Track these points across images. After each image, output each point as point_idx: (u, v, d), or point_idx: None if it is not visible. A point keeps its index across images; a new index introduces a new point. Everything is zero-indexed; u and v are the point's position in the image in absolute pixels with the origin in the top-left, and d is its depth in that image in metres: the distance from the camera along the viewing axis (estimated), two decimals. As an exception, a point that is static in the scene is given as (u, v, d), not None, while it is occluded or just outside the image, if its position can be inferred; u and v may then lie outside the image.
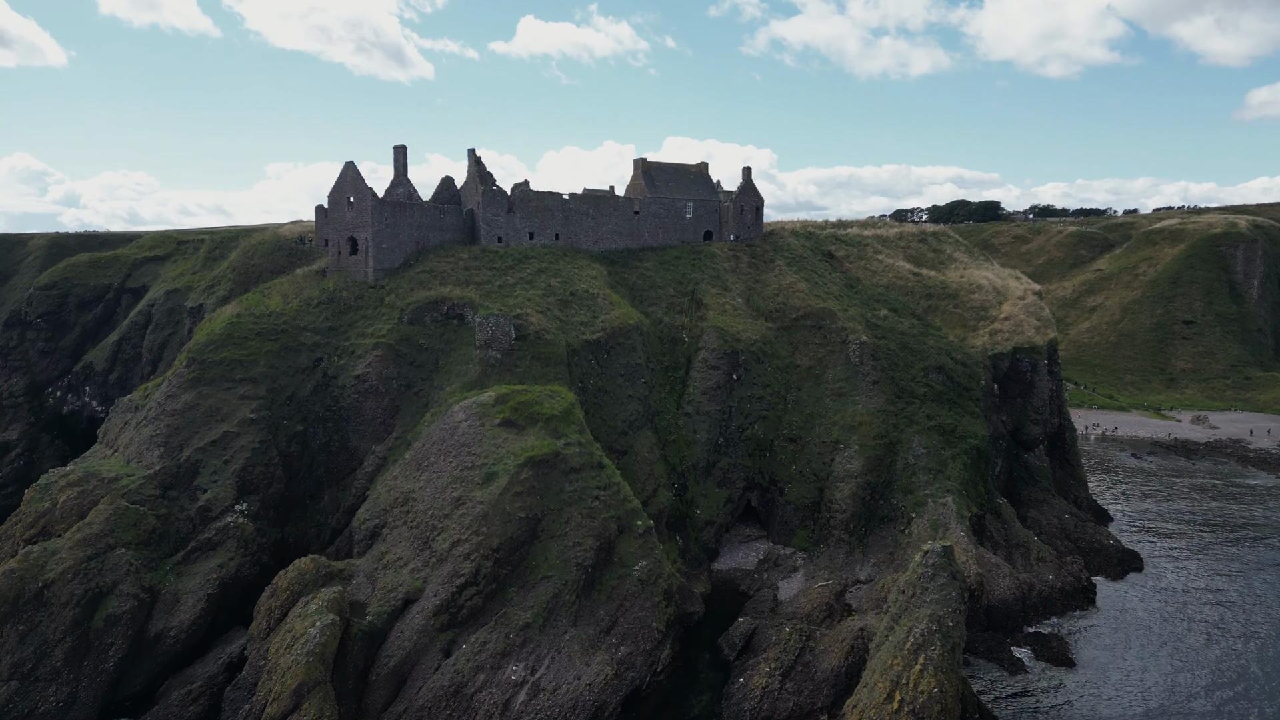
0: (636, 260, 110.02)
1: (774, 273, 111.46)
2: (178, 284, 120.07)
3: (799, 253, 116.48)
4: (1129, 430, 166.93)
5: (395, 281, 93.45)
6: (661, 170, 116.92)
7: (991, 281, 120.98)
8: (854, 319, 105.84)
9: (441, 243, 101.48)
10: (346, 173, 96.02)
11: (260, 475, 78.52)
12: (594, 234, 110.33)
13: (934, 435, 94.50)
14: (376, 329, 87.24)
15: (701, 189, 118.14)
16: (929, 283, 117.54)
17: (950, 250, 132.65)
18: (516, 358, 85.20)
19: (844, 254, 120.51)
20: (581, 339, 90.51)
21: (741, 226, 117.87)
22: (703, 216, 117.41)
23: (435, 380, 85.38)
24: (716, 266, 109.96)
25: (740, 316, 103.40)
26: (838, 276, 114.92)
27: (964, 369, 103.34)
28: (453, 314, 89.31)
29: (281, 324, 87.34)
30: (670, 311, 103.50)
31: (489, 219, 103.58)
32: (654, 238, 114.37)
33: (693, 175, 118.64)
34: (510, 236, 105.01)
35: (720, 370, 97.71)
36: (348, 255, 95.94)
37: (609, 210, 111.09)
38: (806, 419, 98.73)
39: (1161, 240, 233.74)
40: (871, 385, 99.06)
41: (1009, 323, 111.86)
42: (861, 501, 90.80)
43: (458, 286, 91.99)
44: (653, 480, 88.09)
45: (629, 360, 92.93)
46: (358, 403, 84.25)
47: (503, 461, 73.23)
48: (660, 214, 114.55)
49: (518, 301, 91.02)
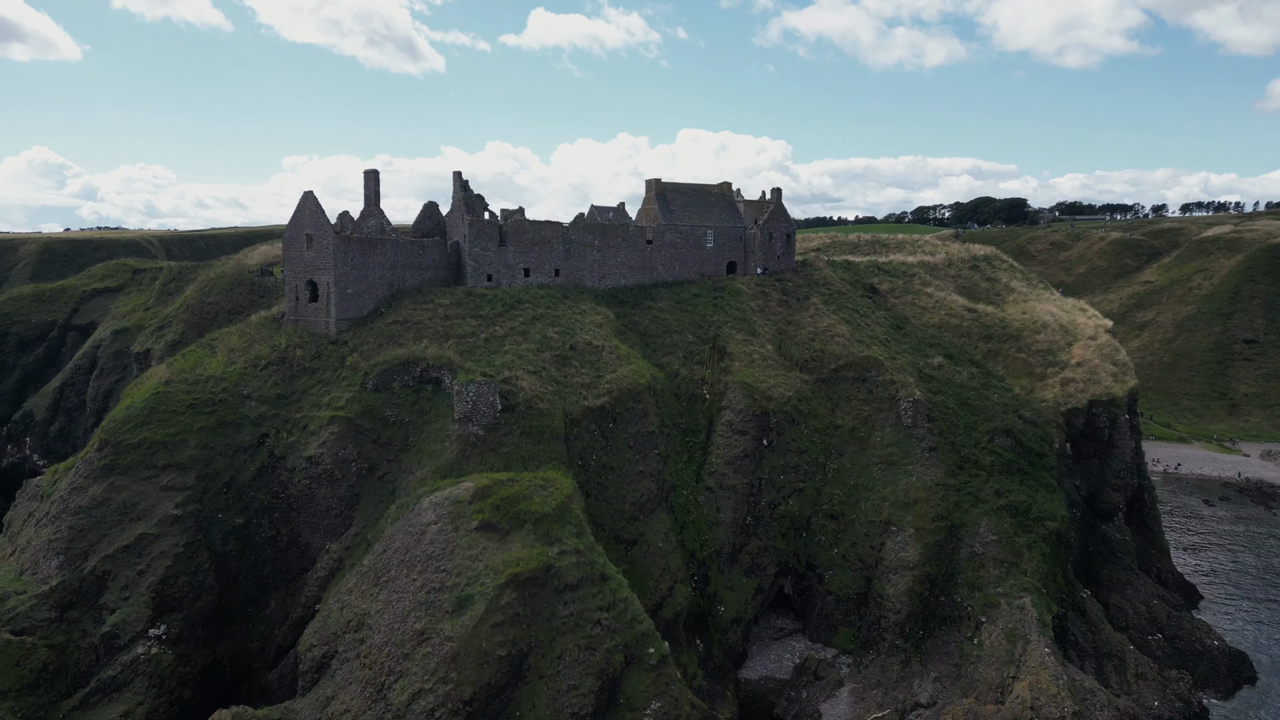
0: (649, 299, 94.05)
1: (809, 312, 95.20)
2: (127, 322, 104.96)
3: (837, 287, 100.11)
4: (1194, 467, 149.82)
5: (361, 335, 77.81)
6: (678, 192, 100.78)
7: (1057, 318, 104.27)
8: (904, 369, 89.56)
9: (420, 284, 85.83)
10: (304, 205, 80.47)
11: (184, 587, 63.20)
12: (599, 269, 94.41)
13: (1005, 517, 78.28)
14: (334, 398, 71.61)
15: (724, 213, 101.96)
16: (987, 321, 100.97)
17: (1005, 279, 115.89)
18: (502, 434, 69.42)
19: (888, 287, 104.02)
20: (582, 405, 74.65)
21: (770, 257, 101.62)
22: (725, 246, 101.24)
23: (404, 462, 69.73)
24: (742, 306, 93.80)
25: (770, 368, 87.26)
26: (882, 315, 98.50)
27: (1035, 430, 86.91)
28: (427, 378, 73.64)
29: (220, 392, 71.84)
30: (688, 363, 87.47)
31: (477, 254, 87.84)
32: (669, 271, 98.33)
33: (713, 197, 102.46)
34: (502, 274, 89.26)
35: (748, 435, 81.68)
36: (306, 302, 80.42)
37: (617, 241, 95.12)
38: (850, 492, 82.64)
39: (1215, 249, 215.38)
40: (927, 452, 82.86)
41: (1082, 370, 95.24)
42: (919, 599, 74.84)
43: (435, 342, 76.25)
44: (668, 576, 72.35)
45: (640, 429, 77.03)
46: (310, 490, 68.75)
47: (479, 580, 57.59)
48: (677, 244, 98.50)
49: (507, 360, 75.25)
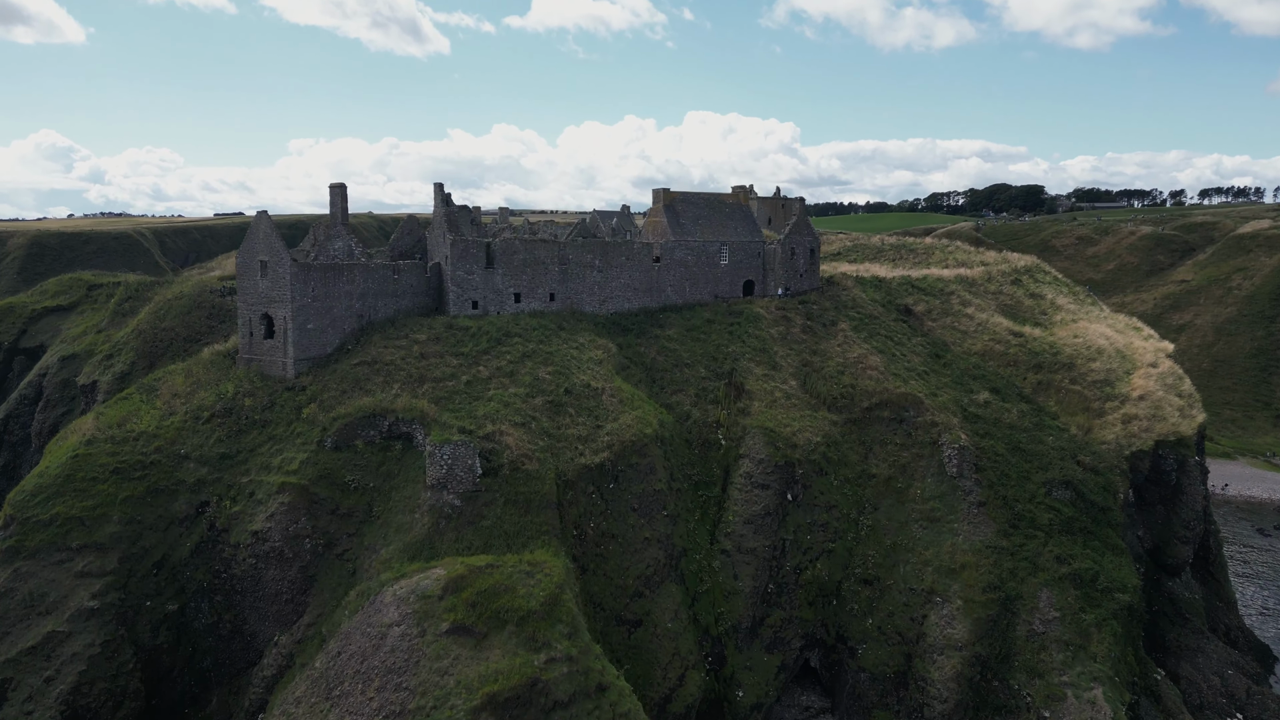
0: (656, 326, 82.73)
1: (837, 340, 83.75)
2: (76, 347, 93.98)
3: (868, 310, 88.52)
4: (1242, 488, 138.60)
5: (322, 379, 66.72)
6: (689, 204, 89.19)
7: (1112, 341, 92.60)
8: (946, 407, 78.26)
9: (395, 313, 74.70)
10: (258, 226, 69.27)
11: (102, 695, 52.61)
12: (601, 291, 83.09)
13: (1068, 589, 67.24)
14: (287, 459, 60.58)
15: (740, 227, 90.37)
16: (1035, 346, 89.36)
17: (1050, 294, 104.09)
18: (483, 504, 58.40)
19: (924, 308, 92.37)
20: (579, 463, 63.53)
21: (792, 275, 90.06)
22: (742, 263, 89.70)
23: (366, 537, 58.79)
24: (761, 334, 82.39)
25: (795, 408, 75.97)
26: (919, 343, 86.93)
27: (1097, 479, 75.65)
28: (396, 432, 62.60)
29: (152, 452, 60.88)
30: (701, 402, 76.25)
31: (460, 279, 76.61)
32: (679, 293, 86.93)
33: (728, 209, 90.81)
34: (489, 301, 78.06)
35: (769, 489, 70.55)
36: (260, 339, 69.36)
37: (620, 260, 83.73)
38: (886, 553, 71.60)
39: (1255, 246, 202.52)
40: (976, 508, 71.73)
41: (1145, 404, 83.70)
42: (969, 685, 64.01)
43: (407, 388, 65.13)
44: (678, 662, 61.60)
45: (645, 487, 65.93)
46: (256, 570, 57.94)
47: (449, 702, 46.78)
48: (687, 262, 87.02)
49: (490, 410, 64.12)
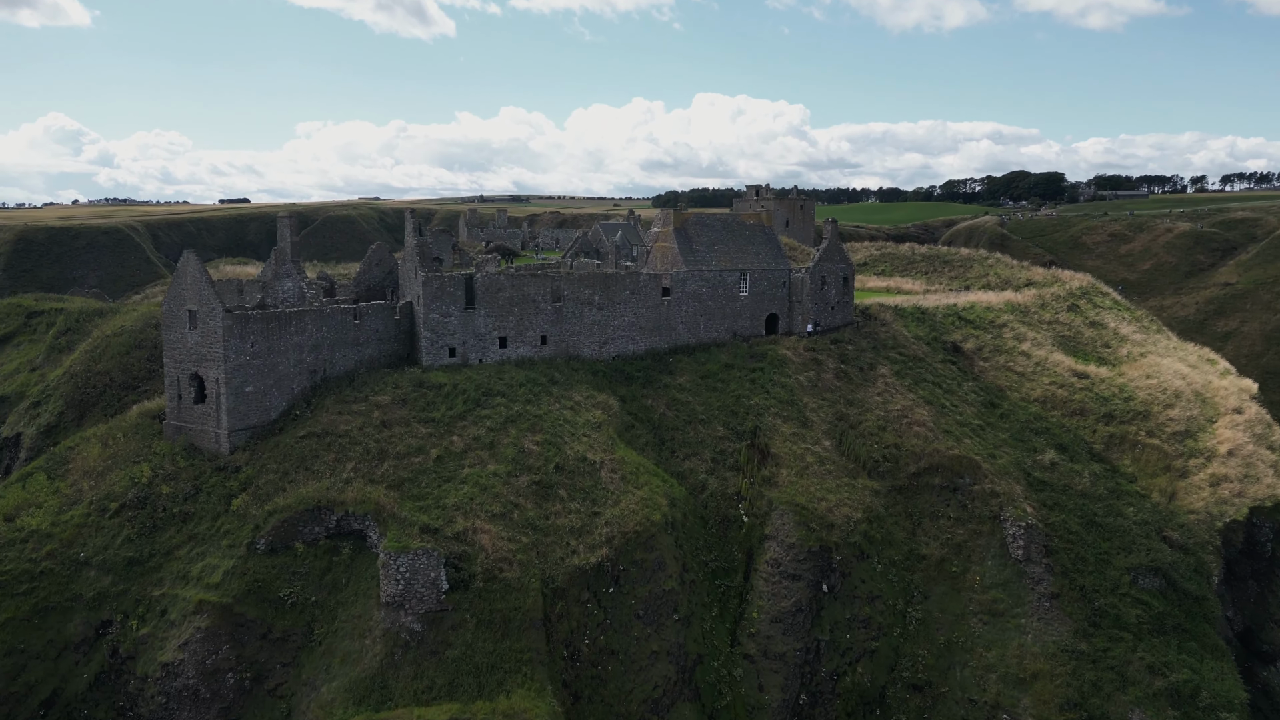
0: (666, 373, 70.41)
1: (876, 388, 71.26)
2: (8, 388, 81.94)
3: (911, 349, 75.90)
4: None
5: (261, 457, 54.66)
6: (703, 227, 76.52)
7: (1188, 380, 79.85)
8: (1007, 472, 65.96)
9: (357, 366, 62.58)
10: (185, 269, 57.08)
11: None
12: (601, 332, 70.76)
13: (1165, 708, 55.19)
14: (209, 567, 48.67)
15: (761, 252, 77.70)
16: (1103, 390, 76.68)
17: (1112, 322, 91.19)
18: (449, 629, 46.45)
19: (974, 345, 79.65)
20: (571, 565, 51.46)
21: (822, 308, 77.42)
22: (764, 295, 77.08)
23: (305, 668, 46.89)
24: (788, 382, 69.96)
25: (829, 475, 63.67)
26: (971, 389, 74.36)
27: (1188, 560, 63.38)
28: (346, 530, 50.63)
29: (44, 558, 49.00)
30: (718, 468, 63.99)
31: (435, 323, 64.38)
32: (692, 331, 74.48)
33: (748, 232, 78.09)
34: (470, 347, 65.85)
35: (801, 581, 58.42)
36: (191, 403, 57.29)
37: (624, 294, 71.30)
38: (940, 652, 59.53)
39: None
40: (1047, 601, 59.62)
41: (1234, 461, 71.15)
42: (1045, 829, 52.15)
43: (362, 470, 53.06)
44: (693, 808, 49.89)
45: (653, 588, 53.86)
46: (168, 711, 46.16)
47: None
48: (701, 295, 74.52)
49: (463, 498, 52.06)
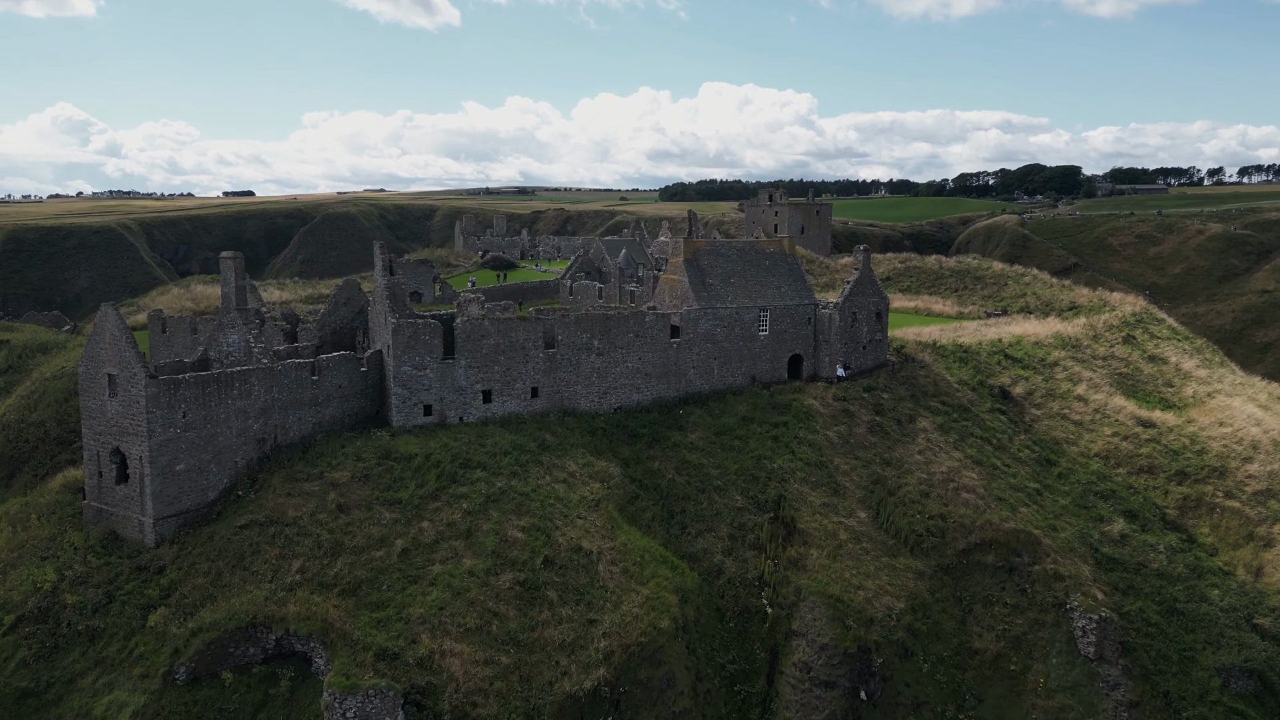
0: (675, 428, 60.91)
1: (917, 444, 61.67)
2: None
3: (954, 397, 66.22)
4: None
5: (191, 553, 45.41)
6: (718, 256, 66.84)
7: (1264, 426, 70.14)
8: (1072, 548, 56.51)
9: (315, 429, 53.30)
10: (103, 325, 47.75)
11: None
12: (600, 381, 61.31)
13: None
14: (115, 703, 39.46)
15: (783, 284, 68.00)
16: (1172, 442, 67.00)
17: (1174, 356, 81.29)
18: (409, 788, 37.26)
19: (1024, 389, 69.93)
20: (560, 692, 42.15)
21: (853, 348, 67.76)
22: (787, 333, 67.44)
23: (231, 837, 37.82)
24: (816, 439, 60.41)
25: (867, 555, 54.23)
26: (1024, 443, 64.72)
27: (1285, 655, 53.97)
28: (286, 650, 41.36)
29: (-85, 693, 40.02)
30: (737, 547, 54.55)
31: (408, 377, 55.02)
32: (705, 377, 64.93)
33: (769, 261, 68.36)
34: (448, 403, 56.49)
35: (836, 689, 49.02)
36: (111, 483, 48.09)
37: (627, 337, 61.80)
38: (997, 770, 50.33)
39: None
40: (1125, 711, 50.36)
41: (1328, 527, 61.66)
42: None
43: (311, 570, 43.78)
44: None
45: (660, 712, 44.51)
46: None
47: None
48: (716, 335, 64.94)
49: (431, 608, 42.77)
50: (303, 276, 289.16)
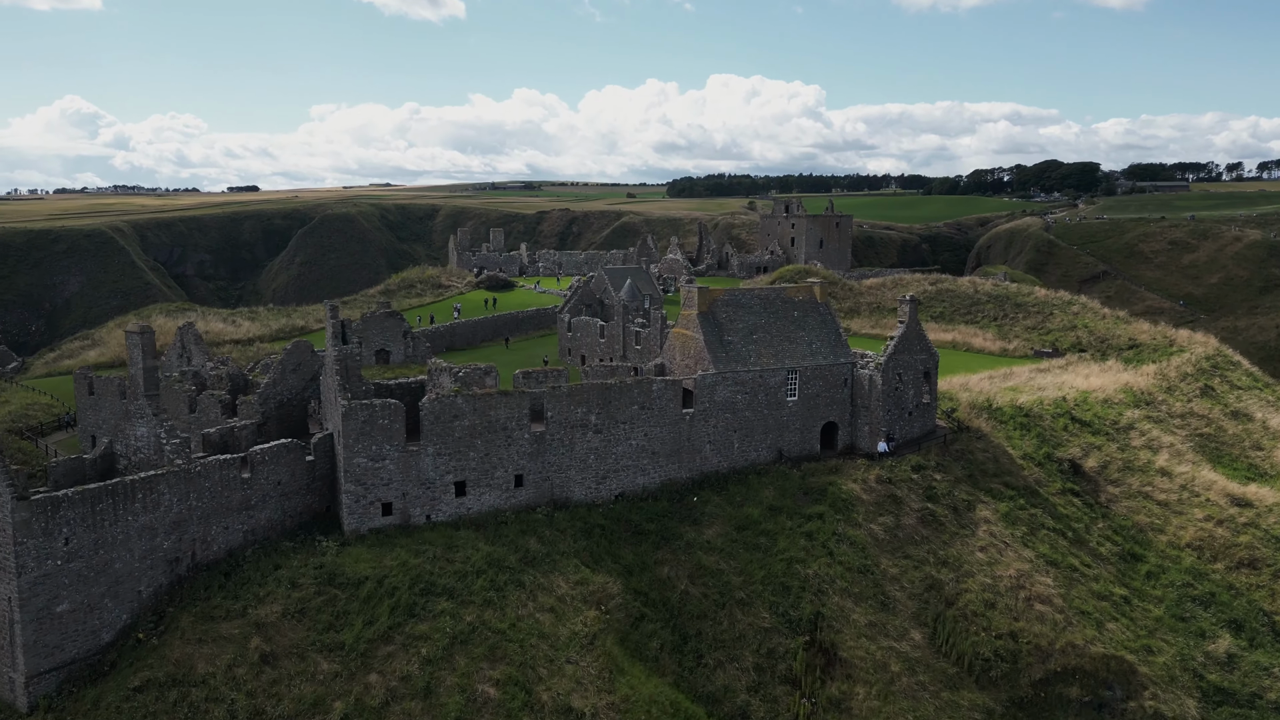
0: (688, 522, 50.37)
1: (978, 539, 51.08)
2: None
3: (1019, 476, 55.51)
4: None
5: None
6: (738, 308, 56.12)
7: (1376, 502, 59.29)
8: (1172, 675, 46.05)
9: (247, 539, 42.99)
10: (-39, 428, 37.11)
11: None
12: (599, 462, 50.84)
13: None
14: None
15: (815, 339, 57.30)
16: (1275, 527, 56.24)
17: (1259, 412, 70.26)
18: None
19: (1097, 461, 59.18)
20: None
21: (897, 415, 57.04)
22: (819, 397, 56.80)
23: None
24: (858, 535, 49.85)
25: (923, 690, 43.79)
26: (1103, 532, 54.07)
27: None
28: None
29: None
30: (765, 681, 44.07)
31: (361, 470, 44.67)
32: (723, 453, 54.39)
33: (796, 311, 57.62)
34: (413, 500, 46.15)
35: None
36: (-22, 628, 37.89)
37: (630, 409, 51.26)
38: None
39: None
40: None
41: None
42: None
43: (218, 760, 33.60)
44: None
45: None
46: None
47: None
48: (736, 404, 54.36)
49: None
50: (300, 280, 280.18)
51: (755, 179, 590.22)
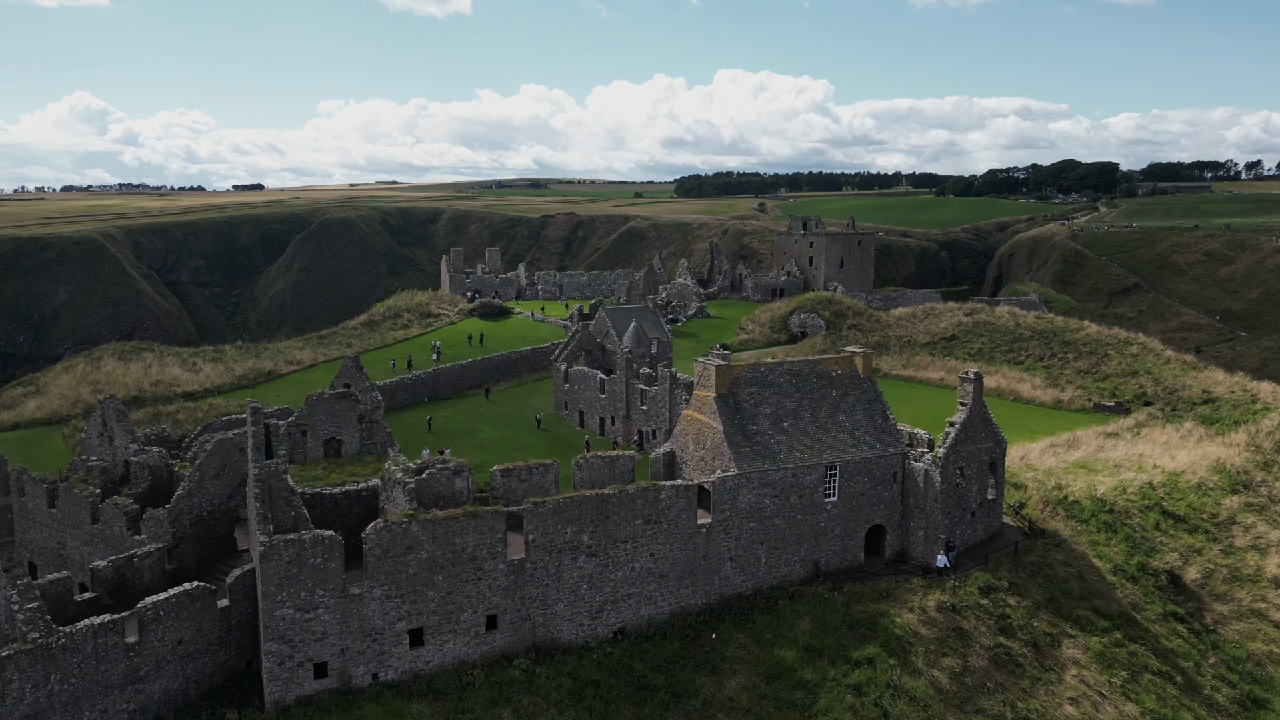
0: (705, 669, 39.99)
1: (1064, 685, 40.56)
2: None
3: (1110, 599, 44.84)
4: None
5: None
6: (764, 386, 45.66)
7: None
8: None
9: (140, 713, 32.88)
10: None
11: None
12: (593, 593, 40.50)
13: None
14: None
15: (858, 424, 46.81)
16: None
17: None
18: None
19: (1198, 571, 48.47)
20: None
21: (958, 517, 46.59)
22: (864, 496, 46.35)
23: None
24: (917, 686, 39.42)
25: None
26: (1215, 669, 43.55)
27: None
28: None
29: None
30: None
31: (287, 623, 34.35)
32: (747, 572, 44.02)
33: (835, 390, 47.11)
34: (355, 656, 35.87)
35: None
36: None
37: (634, 523, 40.89)
38: None
39: None
40: None
41: None
42: None
43: None
44: None
45: None
46: None
47: None
48: (764, 509, 43.98)
49: None
50: (298, 287, 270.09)
51: (764, 177, 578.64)
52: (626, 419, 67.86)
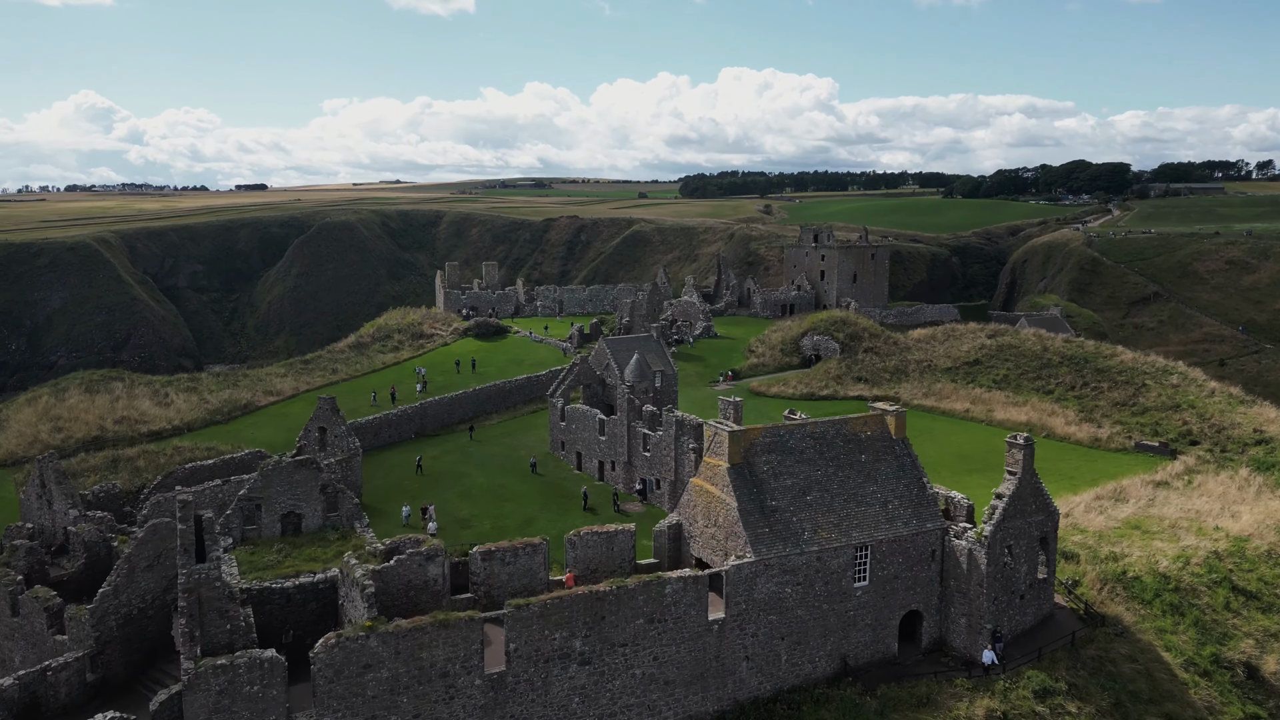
0: (717, 795, 34.17)
1: (1137, 815, 34.68)
2: None
3: (1183, 702, 38.82)
4: None
5: None
6: (785, 455, 39.67)
7: None
8: None
9: None
10: None
11: None
12: (588, 706, 34.49)
13: None
14: None
15: (891, 496, 40.80)
16: None
17: None
18: None
19: (1276, 661, 42.64)
20: None
21: (1005, 601, 40.53)
22: (899, 579, 40.32)
23: None
24: (966, 817, 33.56)
25: None
26: (1308, 790, 37.65)
27: None
28: None
29: None
30: None
31: (215, 764, 28.48)
32: (766, 671, 38.04)
33: (865, 455, 41.11)
34: (299, 799, 29.97)
35: None
36: None
37: (634, 623, 34.90)
38: None
39: None
40: None
41: None
42: None
43: None
44: None
45: None
46: None
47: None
48: (785, 599, 37.97)
49: None
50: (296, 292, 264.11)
51: (769, 176, 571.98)
52: (628, 465, 61.86)
